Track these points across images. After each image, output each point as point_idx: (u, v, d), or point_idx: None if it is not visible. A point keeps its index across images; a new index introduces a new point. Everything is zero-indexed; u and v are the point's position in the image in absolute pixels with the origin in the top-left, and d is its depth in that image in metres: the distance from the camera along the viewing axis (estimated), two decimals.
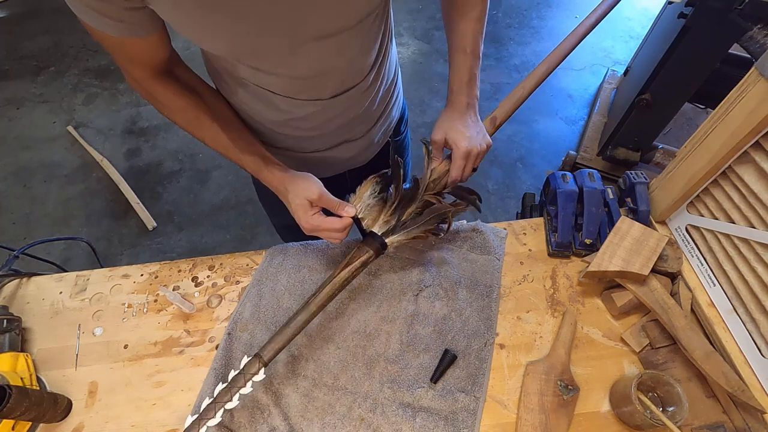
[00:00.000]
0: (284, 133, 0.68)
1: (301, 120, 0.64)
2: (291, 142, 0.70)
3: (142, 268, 0.74)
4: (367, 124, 0.73)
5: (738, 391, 0.54)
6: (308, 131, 0.67)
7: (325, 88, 0.60)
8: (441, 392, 0.60)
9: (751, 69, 0.52)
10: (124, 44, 0.49)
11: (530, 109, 2.21)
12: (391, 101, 0.76)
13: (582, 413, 0.59)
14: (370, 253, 0.61)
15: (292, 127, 0.66)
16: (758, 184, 0.56)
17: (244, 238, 1.84)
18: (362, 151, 0.77)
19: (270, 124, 0.66)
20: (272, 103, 0.61)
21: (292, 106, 0.61)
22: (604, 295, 0.68)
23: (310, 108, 0.62)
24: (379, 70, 0.66)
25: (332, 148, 0.73)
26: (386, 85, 0.71)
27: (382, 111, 0.75)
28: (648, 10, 2.74)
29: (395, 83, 0.76)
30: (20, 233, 1.85)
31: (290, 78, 0.57)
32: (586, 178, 0.73)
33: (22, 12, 2.89)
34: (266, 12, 0.46)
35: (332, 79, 0.59)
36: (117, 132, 2.23)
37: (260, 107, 0.63)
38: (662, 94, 1.47)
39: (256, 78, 0.57)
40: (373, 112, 0.72)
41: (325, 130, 0.68)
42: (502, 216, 1.87)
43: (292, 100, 0.60)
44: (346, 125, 0.69)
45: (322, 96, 0.61)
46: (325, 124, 0.66)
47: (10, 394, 0.50)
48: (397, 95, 0.79)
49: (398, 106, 0.82)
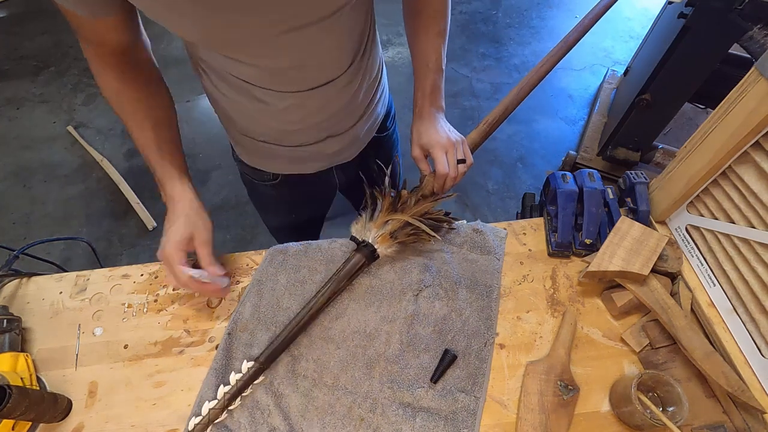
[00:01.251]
0: (268, 126, 0.69)
1: (282, 112, 0.64)
2: (276, 135, 0.71)
3: (142, 268, 0.74)
4: (351, 120, 0.74)
5: (738, 391, 0.54)
6: (290, 124, 0.68)
7: (302, 81, 0.60)
8: (441, 392, 0.60)
9: (751, 69, 0.52)
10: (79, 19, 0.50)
11: (530, 109, 2.21)
12: (376, 97, 0.77)
13: (582, 413, 0.59)
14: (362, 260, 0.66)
15: (274, 119, 0.66)
16: (758, 184, 0.56)
17: (244, 238, 1.84)
18: (348, 147, 0.78)
19: (253, 116, 0.67)
20: (252, 96, 0.61)
21: (271, 98, 0.61)
22: (604, 295, 0.68)
23: (289, 100, 0.62)
24: (359, 65, 0.66)
25: (317, 143, 0.73)
26: (369, 81, 0.72)
27: (366, 107, 0.75)
28: (648, 10, 2.74)
29: (379, 79, 0.77)
30: (20, 233, 1.85)
31: (266, 69, 0.57)
32: (586, 178, 0.73)
33: (22, 12, 2.89)
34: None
35: (309, 72, 0.59)
36: (117, 132, 2.23)
37: (241, 99, 0.63)
38: (662, 94, 1.47)
39: (234, 69, 0.57)
40: (356, 107, 0.72)
41: (306, 124, 0.68)
42: (502, 216, 1.87)
43: (271, 92, 0.60)
44: (328, 120, 0.69)
45: (301, 88, 0.61)
46: (306, 117, 0.67)
47: (10, 394, 0.50)
48: (382, 91, 0.80)
49: (384, 102, 0.82)
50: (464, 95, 2.36)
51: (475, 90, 2.39)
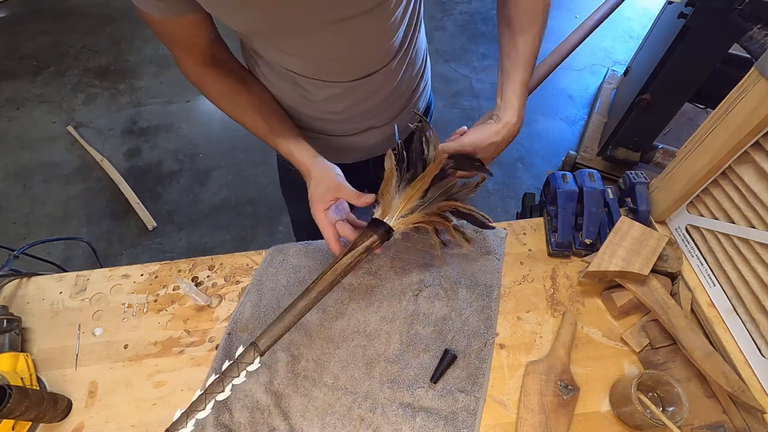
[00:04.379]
0: (310, 115, 0.70)
1: (324, 102, 0.66)
2: (318, 124, 0.72)
3: (142, 268, 0.74)
4: (393, 111, 0.74)
5: (738, 391, 0.54)
6: (333, 114, 0.69)
7: (345, 72, 0.61)
8: (441, 392, 0.60)
9: (751, 69, 0.52)
10: (164, 24, 0.53)
11: (530, 109, 2.20)
12: (419, 90, 0.77)
13: (582, 413, 0.59)
14: (375, 238, 0.58)
15: (317, 109, 0.68)
16: (758, 184, 0.56)
17: (244, 238, 1.84)
18: (387, 139, 0.78)
19: (297, 105, 0.68)
20: (297, 84, 0.63)
21: (315, 87, 0.63)
22: (604, 295, 0.68)
23: (333, 90, 0.63)
24: (403, 58, 0.66)
25: (359, 133, 0.74)
26: (413, 74, 0.72)
27: (408, 99, 0.75)
28: (648, 10, 2.74)
29: (422, 73, 0.76)
30: (20, 233, 1.85)
31: (311, 59, 0.58)
32: (586, 178, 0.73)
33: (22, 12, 2.89)
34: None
35: (353, 63, 0.61)
36: (117, 132, 2.23)
37: (286, 88, 0.65)
38: (662, 94, 1.47)
39: (281, 59, 0.59)
40: (399, 98, 0.73)
41: (349, 114, 0.69)
42: (502, 216, 1.87)
43: (315, 81, 0.62)
44: (370, 111, 0.70)
45: (344, 79, 0.62)
46: (350, 108, 0.68)
47: (10, 394, 0.50)
48: (424, 85, 0.79)
49: (425, 97, 0.82)
50: (464, 95, 2.36)
51: (475, 90, 2.39)
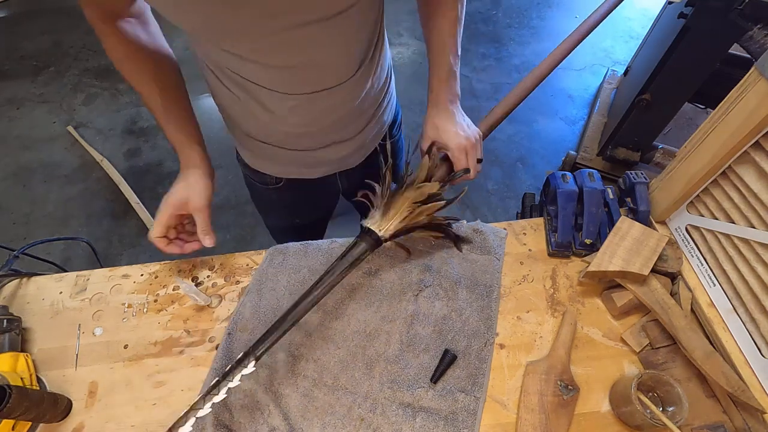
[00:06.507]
0: (272, 129, 0.68)
1: (286, 115, 0.64)
2: (281, 138, 0.70)
3: (142, 268, 0.74)
4: (357, 126, 0.73)
5: (738, 391, 0.54)
6: (295, 128, 0.67)
7: (307, 83, 0.60)
8: (441, 392, 0.60)
9: (751, 69, 0.52)
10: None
11: (530, 109, 2.21)
12: (383, 105, 0.76)
13: (582, 413, 0.59)
14: (365, 248, 0.61)
15: (279, 122, 0.66)
16: (758, 184, 0.56)
17: (244, 238, 1.84)
18: (353, 153, 0.77)
19: (257, 118, 0.66)
20: (257, 97, 0.61)
21: (276, 99, 0.61)
22: (604, 295, 0.68)
23: (292, 102, 0.61)
24: (367, 70, 0.65)
25: (323, 147, 0.73)
26: (377, 88, 0.71)
27: (373, 114, 0.74)
28: (648, 10, 2.74)
29: (387, 87, 0.76)
30: (20, 233, 1.85)
31: (270, 68, 0.56)
32: (586, 178, 0.73)
33: (22, 12, 2.89)
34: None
35: (314, 73, 0.59)
36: (117, 132, 2.23)
37: (246, 100, 0.63)
38: (662, 94, 1.47)
39: (238, 67, 0.57)
40: (362, 114, 0.71)
41: (311, 128, 0.68)
42: (502, 216, 1.87)
43: (276, 93, 0.60)
44: (333, 125, 0.69)
45: (305, 90, 0.60)
46: (312, 121, 0.66)
47: (10, 394, 0.50)
48: (389, 100, 0.79)
49: (391, 110, 0.81)
50: (464, 95, 2.33)
51: (475, 90, 2.39)
